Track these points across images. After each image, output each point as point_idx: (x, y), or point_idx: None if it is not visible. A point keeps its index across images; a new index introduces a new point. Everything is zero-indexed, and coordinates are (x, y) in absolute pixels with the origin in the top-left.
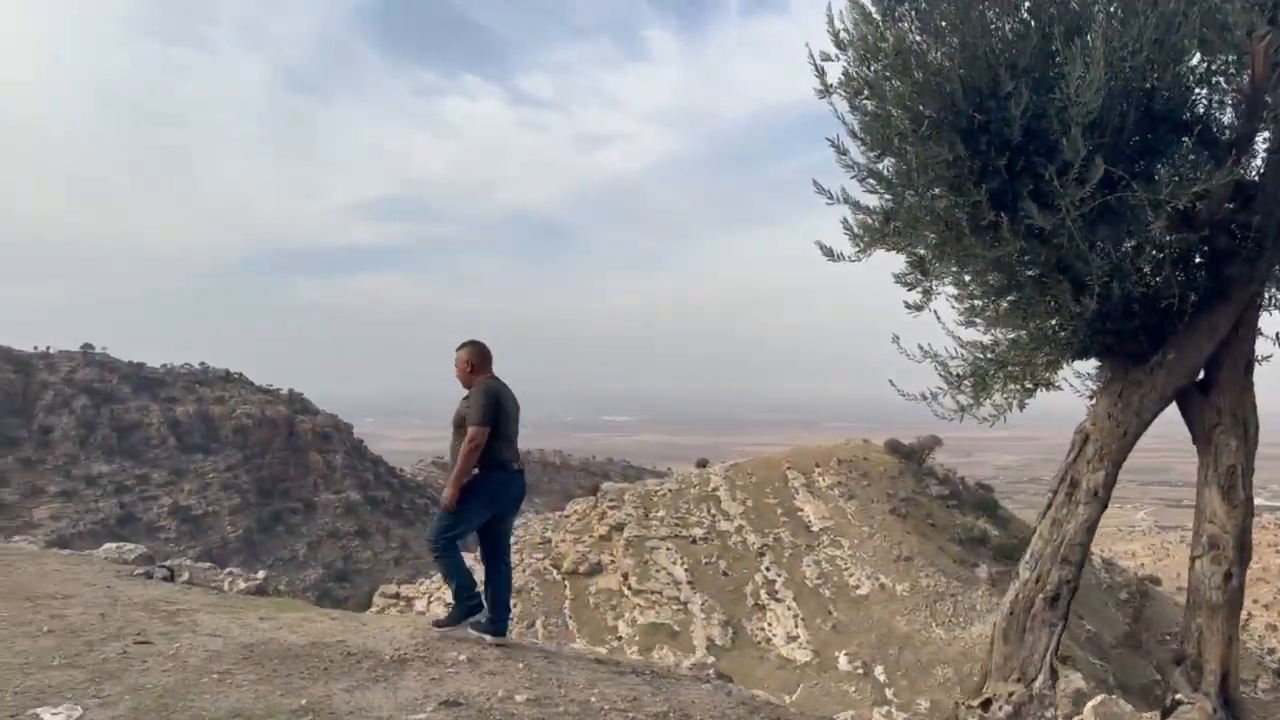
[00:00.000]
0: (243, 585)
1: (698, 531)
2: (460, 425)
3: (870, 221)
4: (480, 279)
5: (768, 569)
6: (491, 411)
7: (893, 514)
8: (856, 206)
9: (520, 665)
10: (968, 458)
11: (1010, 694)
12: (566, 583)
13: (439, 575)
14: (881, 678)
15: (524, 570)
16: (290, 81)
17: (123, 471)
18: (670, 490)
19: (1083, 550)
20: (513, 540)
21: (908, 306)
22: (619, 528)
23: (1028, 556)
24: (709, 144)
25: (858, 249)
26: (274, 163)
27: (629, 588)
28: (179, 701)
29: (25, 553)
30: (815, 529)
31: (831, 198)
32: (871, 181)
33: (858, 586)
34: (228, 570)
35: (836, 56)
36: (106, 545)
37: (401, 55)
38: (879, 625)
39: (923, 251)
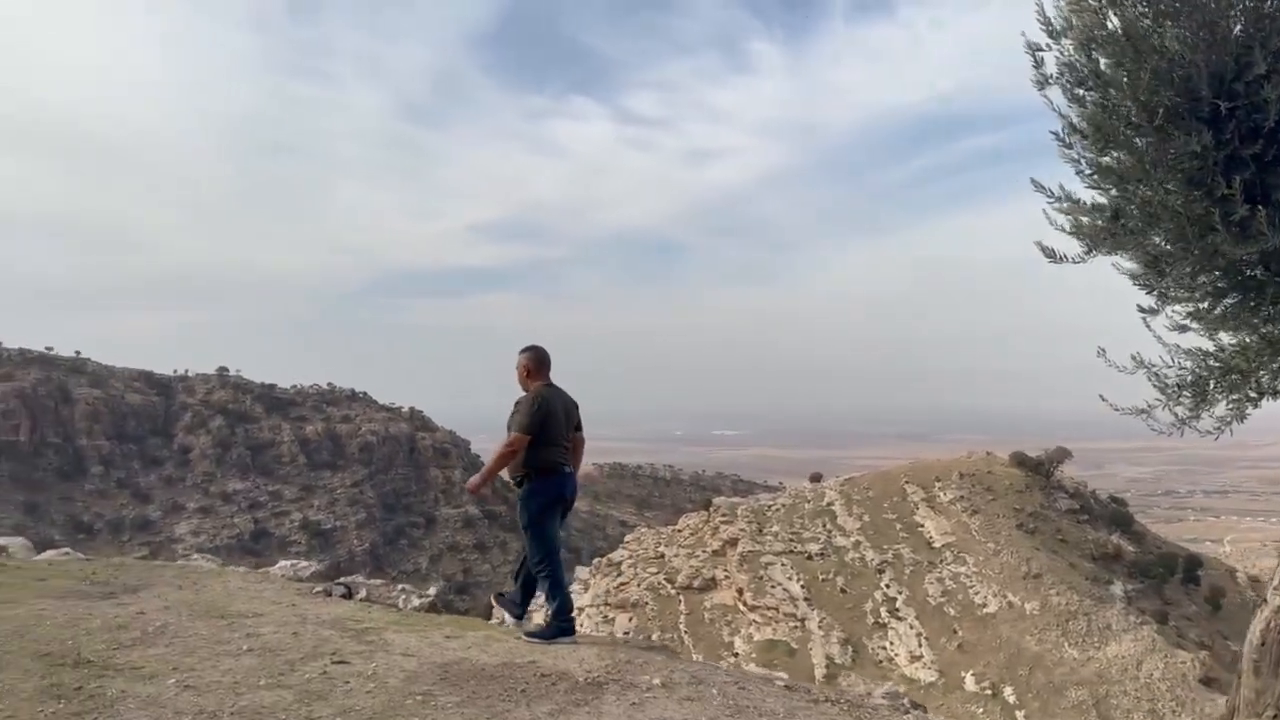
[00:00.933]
0: (416, 602)
1: (813, 547)
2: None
3: (1095, 220)
4: (589, 296)
5: (888, 586)
6: (537, 419)
7: (1020, 529)
8: (1076, 204)
9: (714, 691)
10: (1098, 470)
11: None
12: (681, 597)
13: (542, 590)
14: (1011, 699)
15: (639, 584)
16: (407, 111)
17: (256, 488)
18: (784, 505)
19: None
20: (625, 554)
21: (1141, 310)
22: (732, 543)
23: (1276, 582)
24: (816, 154)
25: (1083, 249)
26: (393, 190)
27: (744, 604)
28: None
29: (207, 570)
30: (937, 545)
31: (1051, 195)
32: (1097, 177)
33: (984, 605)
34: (400, 587)
35: (1048, 46)
36: (282, 563)
37: (512, 81)
38: (1007, 645)
39: (1155, 250)
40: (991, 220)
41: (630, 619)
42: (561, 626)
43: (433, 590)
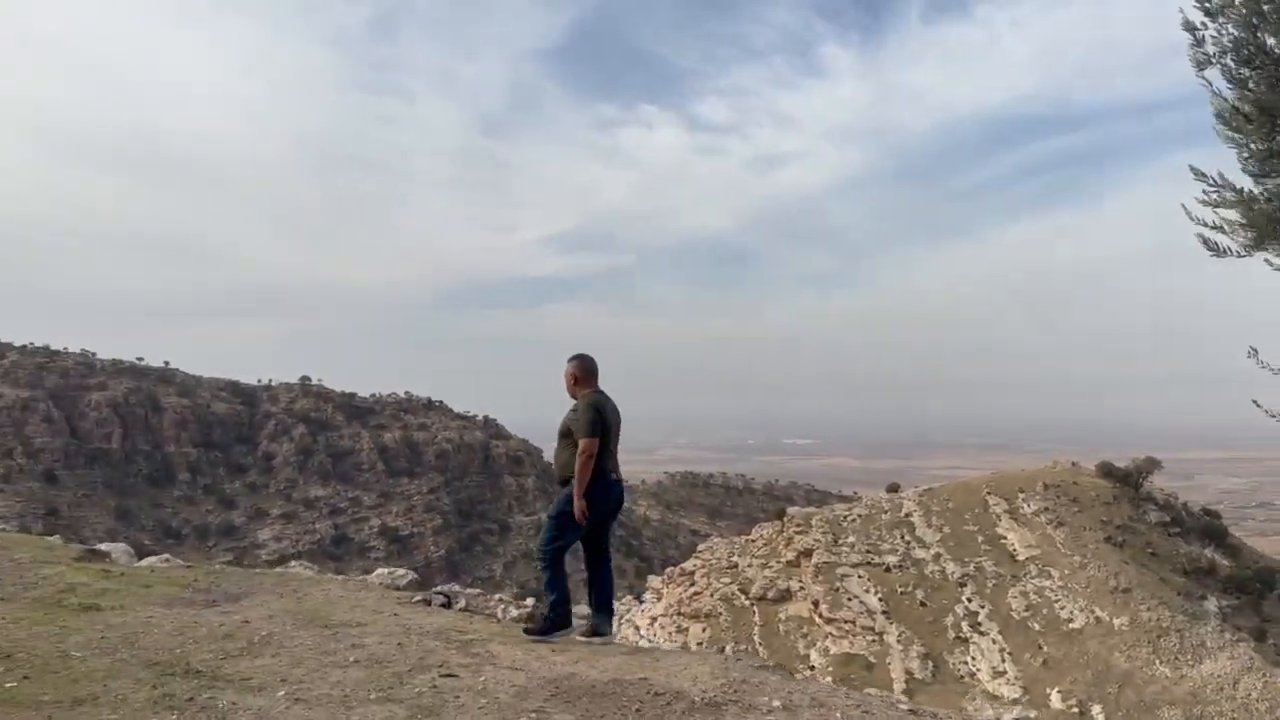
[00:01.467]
0: (515, 613)
1: (891, 559)
2: (566, 435)
3: (1271, 210)
4: (659, 305)
5: (969, 600)
6: (598, 423)
7: (1108, 542)
8: (1239, 194)
9: (837, 715)
10: (1188, 481)
11: None
12: (755, 609)
13: (543, 581)
14: (1100, 718)
15: (712, 595)
16: (481, 124)
17: (337, 495)
18: (860, 516)
19: None
20: (698, 563)
21: None
22: (807, 553)
23: None
24: (889, 157)
25: (1247, 242)
26: (468, 202)
27: (820, 616)
28: None
29: (306, 578)
30: (1021, 558)
31: (1214, 183)
32: (1264, 163)
33: (1070, 619)
34: (498, 597)
35: (1203, 25)
36: (379, 570)
37: (583, 91)
38: (1095, 661)
39: None
40: (1072, 223)
41: (704, 629)
42: (554, 619)
43: (530, 601)
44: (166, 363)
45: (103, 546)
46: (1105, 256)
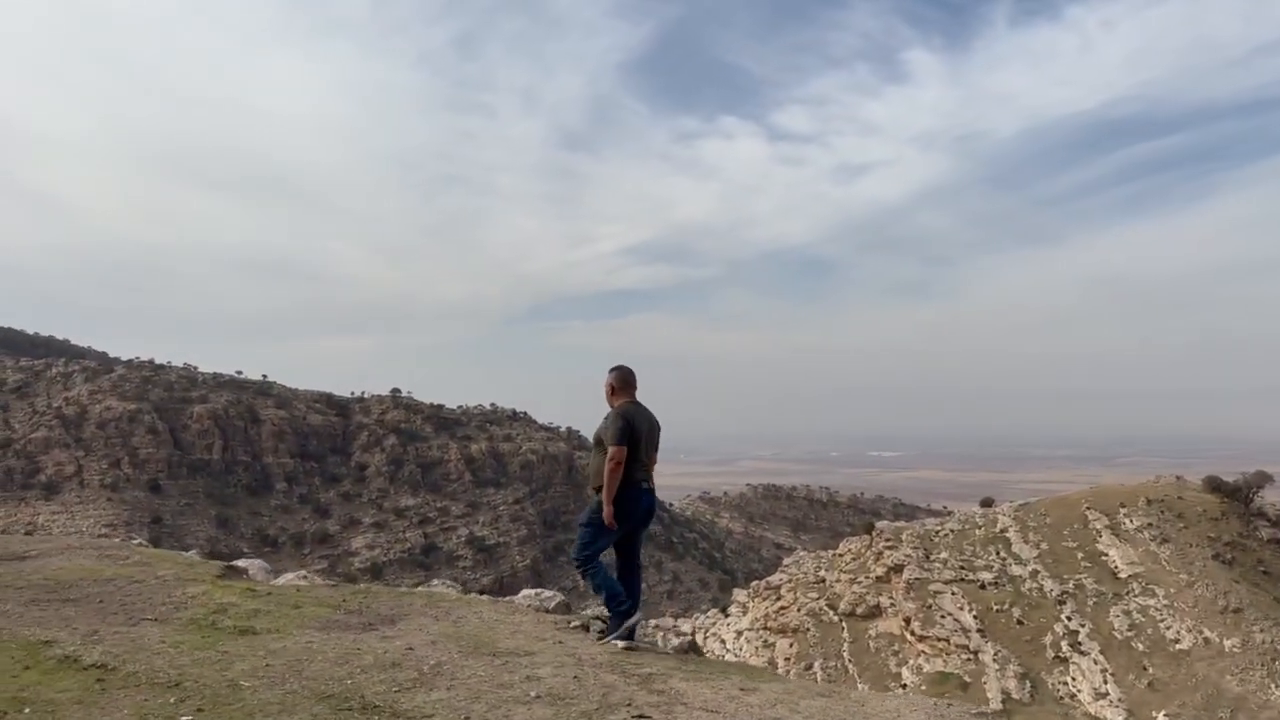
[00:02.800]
0: (675, 641)
1: (986, 576)
2: (598, 443)
3: None
4: (739, 316)
5: (1069, 618)
6: (626, 431)
7: (1216, 560)
8: None
9: None
10: None
11: None
12: (844, 624)
13: (589, 589)
14: None
15: (799, 610)
16: (564, 139)
17: (426, 504)
18: (952, 531)
19: None
20: (784, 578)
21: None
22: (898, 569)
23: None
24: (977, 163)
25: None
26: (550, 216)
27: (911, 633)
28: None
29: (454, 599)
30: (1123, 575)
31: None
32: None
33: (1177, 640)
34: (655, 624)
35: None
36: (525, 591)
37: (663, 104)
38: (1204, 684)
39: None
40: (1169, 229)
41: (791, 644)
42: (622, 611)
43: (688, 628)
44: (264, 376)
45: (240, 563)
46: (1203, 263)
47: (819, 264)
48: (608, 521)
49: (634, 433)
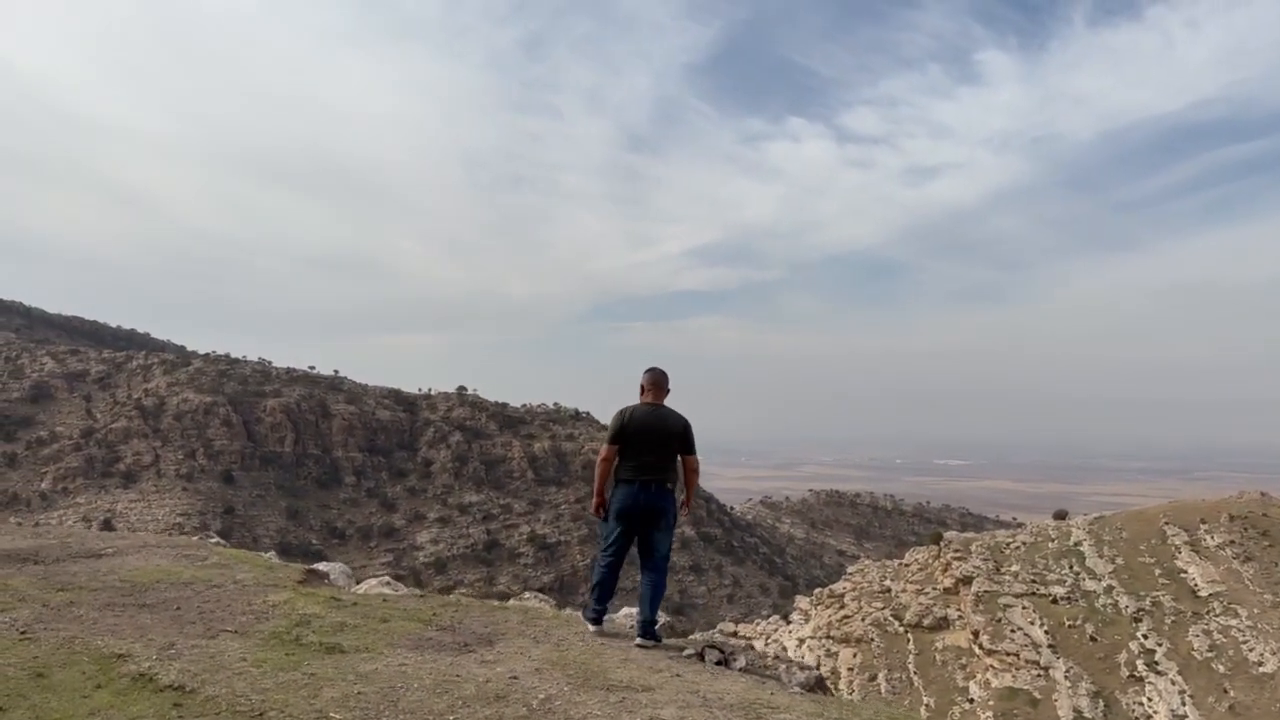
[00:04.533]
0: (801, 676)
1: (1058, 590)
2: None
3: None
4: (804, 319)
5: (1145, 636)
6: (614, 431)
7: None
8: None
9: None
10: None
11: None
12: (910, 636)
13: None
14: None
15: (863, 619)
16: (629, 140)
17: (489, 501)
18: (1024, 543)
19: None
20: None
21: None
22: (966, 581)
23: None
24: (1051, 166)
25: None
26: (616, 217)
27: (980, 647)
28: None
29: (550, 616)
30: (1203, 594)
31: None
32: None
33: (1260, 662)
34: (774, 656)
35: None
36: (625, 610)
37: (729, 105)
38: None
39: None
40: (1254, 235)
41: (855, 654)
42: (595, 610)
43: (812, 660)
44: (336, 371)
45: (321, 566)
46: None
47: (886, 267)
48: (593, 511)
49: (626, 432)
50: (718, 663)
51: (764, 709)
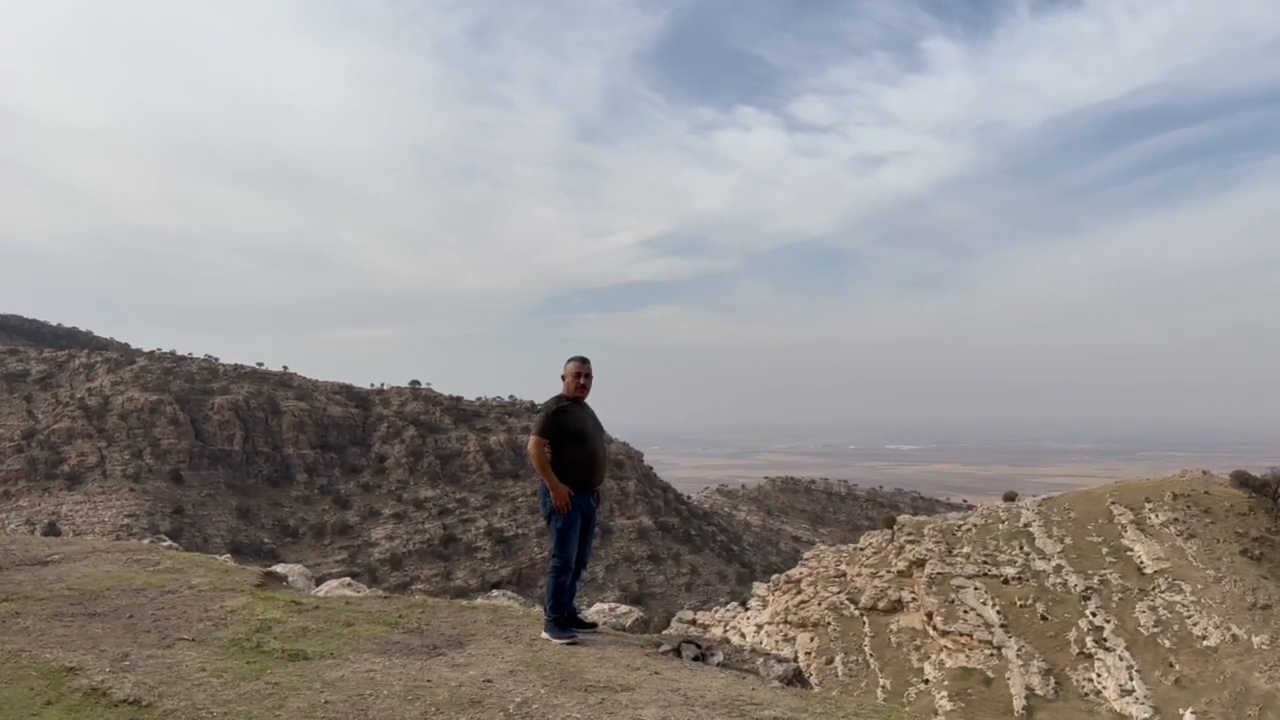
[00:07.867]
0: (779, 669)
1: (1009, 570)
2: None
3: None
4: (757, 308)
5: (1094, 614)
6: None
7: (1244, 555)
8: None
9: None
10: None
11: None
12: (865, 619)
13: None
14: None
15: (820, 604)
16: (580, 130)
17: (445, 495)
18: (975, 525)
19: None
20: (804, 571)
21: None
22: (919, 563)
23: None
24: (998, 154)
25: None
26: (567, 208)
27: (934, 628)
28: None
29: (520, 614)
30: (1149, 571)
31: None
32: None
33: (1204, 637)
34: (750, 648)
35: None
36: (599, 605)
37: (680, 94)
38: (1232, 681)
39: None
40: (1194, 221)
41: (812, 638)
42: (552, 617)
43: (790, 654)
44: (285, 367)
45: (279, 568)
46: (1229, 255)
47: (837, 256)
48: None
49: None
50: (695, 658)
51: (747, 705)
